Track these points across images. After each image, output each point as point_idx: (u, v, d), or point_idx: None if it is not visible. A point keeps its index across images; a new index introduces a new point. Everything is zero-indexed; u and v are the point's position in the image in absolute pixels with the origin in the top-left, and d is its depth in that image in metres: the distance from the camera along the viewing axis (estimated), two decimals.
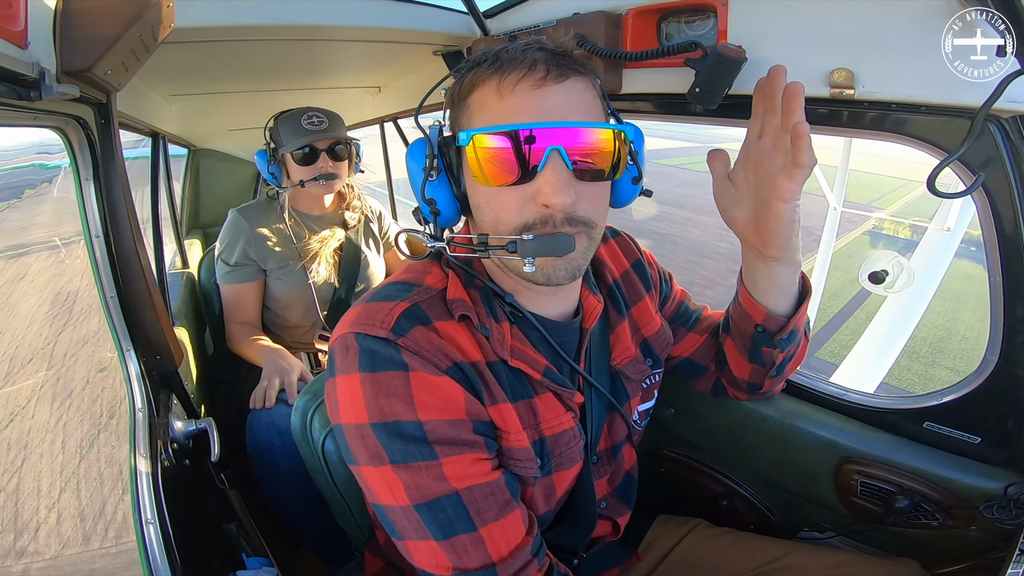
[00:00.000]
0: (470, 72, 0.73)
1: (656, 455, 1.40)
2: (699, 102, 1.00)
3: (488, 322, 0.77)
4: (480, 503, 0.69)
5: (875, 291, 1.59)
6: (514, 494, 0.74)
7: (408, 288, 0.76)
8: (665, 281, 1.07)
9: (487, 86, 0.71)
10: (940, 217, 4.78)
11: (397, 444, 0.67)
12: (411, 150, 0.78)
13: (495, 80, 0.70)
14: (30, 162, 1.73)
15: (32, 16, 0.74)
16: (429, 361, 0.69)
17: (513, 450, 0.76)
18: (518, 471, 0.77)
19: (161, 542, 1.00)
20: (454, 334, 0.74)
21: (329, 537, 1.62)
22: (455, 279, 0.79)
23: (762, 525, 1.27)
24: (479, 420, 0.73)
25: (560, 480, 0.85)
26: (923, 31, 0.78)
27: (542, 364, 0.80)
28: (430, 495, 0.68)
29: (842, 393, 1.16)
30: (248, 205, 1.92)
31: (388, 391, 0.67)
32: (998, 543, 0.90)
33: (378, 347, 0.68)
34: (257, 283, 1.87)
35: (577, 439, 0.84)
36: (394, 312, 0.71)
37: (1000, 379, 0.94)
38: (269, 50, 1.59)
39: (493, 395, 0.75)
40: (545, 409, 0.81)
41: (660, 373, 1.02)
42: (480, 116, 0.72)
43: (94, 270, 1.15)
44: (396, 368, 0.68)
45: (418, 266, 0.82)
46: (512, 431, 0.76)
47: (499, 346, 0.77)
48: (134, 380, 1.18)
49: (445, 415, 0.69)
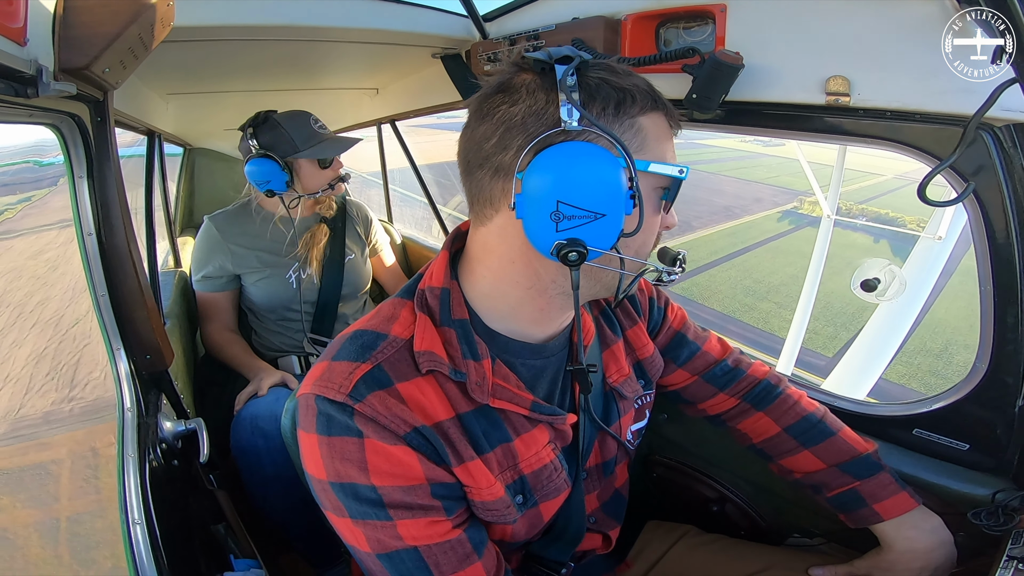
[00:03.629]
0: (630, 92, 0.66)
1: (647, 461, 1.40)
2: (696, 108, 1.01)
3: (465, 364, 0.73)
4: (439, 557, 0.70)
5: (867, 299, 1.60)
6: (477, 547, 0.73)
7: (373, 343, 0.72)
8: (658, 308, 1.04)
9: (660, 118, 0.70)
10: (932, 226, 4.82)
11: (353, 504, 0.68)
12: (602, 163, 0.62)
13: (662, 116, 0.70)
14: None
15: (31, 13, 0.74)
16: (385, 428, 0.67)
17: (486, 503, 0.74)
18: (492, 519, 0.76)
19: (148, 543, 0.99)
20: (417, 394, 0.71)
21: (317, 539, 1.61)
22: (425, 323, 0.74)
23: (752, 530, 1.27)
24: (439, 483, 0.71)
25: (547, 509, 0.84)
26: (918, 39, 0.79)
27: (527, 399, 0.77)
28: (389, 548, 0.69)
29: (832, 400, 1.16)
30: (222, 212, 1.89)
31: (343, 456, 0.67)
32: (985, 549, 0.91)
33: (334, 412, 0.67)
34: (230, 292, 1.87)
35: (559, 470, 0.82)
36: (353, 376, 0.69)
37: (989, 386, 0.95)
38: (267, 50, 1.59)
39: (459, 454, 0.72)
40: (525, 448, 0.78)
41: (652, 394, 1.01)
42: (657, 147, 0.69)
43: (85, 268, 1.14)
44: (350, 434, 0.67)
45: (387, 308, 0.77)
46: (484, 485, 0.73)
47: (477, 390, 0.73)
48: (123, 379, 1.17)
49: (400, 481, 0.68)
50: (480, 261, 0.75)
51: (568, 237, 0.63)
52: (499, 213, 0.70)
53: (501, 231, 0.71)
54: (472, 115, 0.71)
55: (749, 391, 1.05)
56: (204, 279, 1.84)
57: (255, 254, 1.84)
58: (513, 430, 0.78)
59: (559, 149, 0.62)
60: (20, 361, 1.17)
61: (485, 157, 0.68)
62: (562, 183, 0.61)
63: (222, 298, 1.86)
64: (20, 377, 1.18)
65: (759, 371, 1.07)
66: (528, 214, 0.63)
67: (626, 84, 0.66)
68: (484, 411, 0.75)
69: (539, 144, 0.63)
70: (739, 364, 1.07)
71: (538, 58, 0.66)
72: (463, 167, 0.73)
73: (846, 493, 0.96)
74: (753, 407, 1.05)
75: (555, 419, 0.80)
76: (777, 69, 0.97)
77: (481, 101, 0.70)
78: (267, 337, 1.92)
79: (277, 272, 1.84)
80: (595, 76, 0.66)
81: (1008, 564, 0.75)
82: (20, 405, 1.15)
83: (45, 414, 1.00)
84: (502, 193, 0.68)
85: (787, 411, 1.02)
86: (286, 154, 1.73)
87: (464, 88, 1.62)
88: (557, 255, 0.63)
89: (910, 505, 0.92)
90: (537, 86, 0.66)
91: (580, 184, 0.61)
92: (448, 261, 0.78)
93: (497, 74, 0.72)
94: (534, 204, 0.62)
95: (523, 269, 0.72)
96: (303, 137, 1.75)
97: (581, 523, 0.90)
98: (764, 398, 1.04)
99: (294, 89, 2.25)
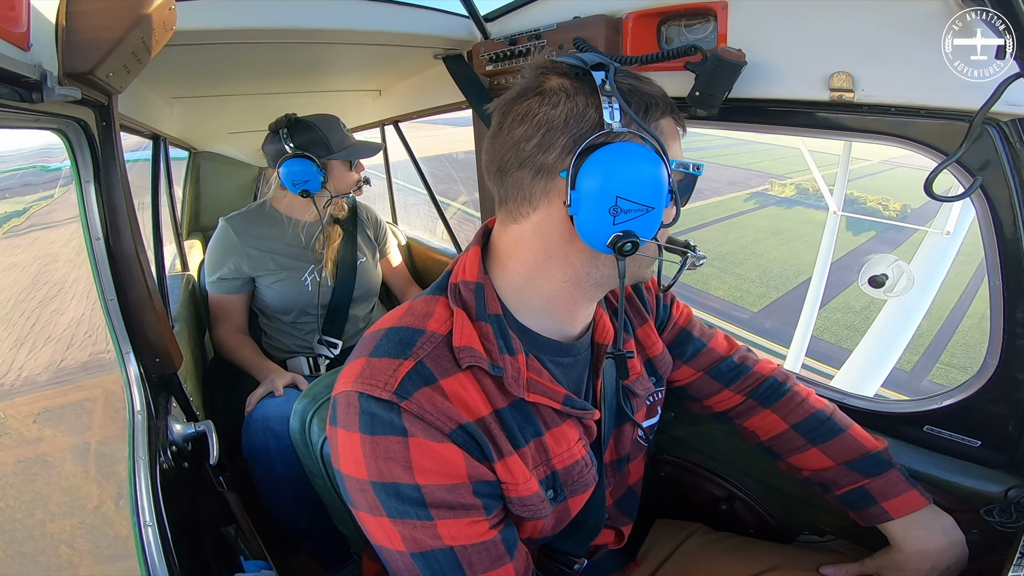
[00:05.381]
0: (651, 95, 0.71)
1: (656, 459, 1.39)
2: (699, 106, 1.01)
3: (502, 358, 0.74)
4: (473, 557, 0.70)
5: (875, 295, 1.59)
6: (510, 548, 0.74)
7: (411, 338, 0.73)
8: (664, 306, 1.05)
9: (671, 121, 0.74)
10: (940, 221, 4.77)
11: (394, 503, 0.68)
12: (650, 161, 0.67)
13: (672, 119, 0.74)
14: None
15: (35, 18, 0.75)
16: (432, 426, 0.68)
17: (522, 498, 0.75)
18: (526, 515, 0.77)
19: (159, 545, 1.00)
20: (460, 390, 0.72)
21: (327, 540, 1.62)
22: (462, 318, 0.75)
23: (762, 529, 1.26)
24: (482, 481, 0.72)
25: (575, 504, 0.86)
26: (922, 34, 0.79)
27: (561, 393, 0.79)
28: (425, 547, 0.69)
29: (842, 397, 1.15)
30: (238, 214, 1.90)
31: (387, 455, 0.67)
32: (998, 546, 0.90)
33: (379, 410, 0.68)
34: (244, 294, 1.88)
35: (589, 466, 0.84)
36: (398, 373, 0.69)
37: (1000, 382, 0.94)
38: (271, 53, 1.60)
39: (500, 449, 0.73)
40: (555, 444, 0.80)
41: (663, 391, 1.02)
42: (673, 146, 0.74)
43: (94, 272, 1.15)
44: (395, 433, 0.67)
45: (419, 305, 0.78)
46: (520, 480, 0.75)
47: (514, 384, 0.75)
48: (133, 383, 1.18)
49: (444, 480, 0.68)
50: (512, 257, 0.76)
51: (624, 229, 0.66)
52: (536, 211, 0.72)
53: (537, 227, 0.73)
54: (503, 117, 0.73)
55: (755, 388, 1.05)
56: (219, 281, 1.85)
57: (271, 257, 1.85)
58: (544, 424, 0.79)
59: (614, 149, 0.66)
60: (62, 325, 1.39)
61: (525, 158, 0.70)
62: (622, 180, 0.65)
63: (236, 300, 1.87)
64: (62, 337, 1.40)
65: (766, 368, 1.07)
66: (584, 210, 0.66)
67: (649, 90, 0.71)
68: (519, 405, 0.77)
69: (588, 145, 0.66)
70: (745, 361, 1.07)
71: (572, 63, 0.70)
72: (496, 168, 0.74)
73: (855, 491, 0.95)
74: (760, 404, 1.05)
75: (584, 414, 0.82)
76: (780, 66, 0.97)
77: (513, 104, 0.72)
78: (278, 339, 1.94)
79: (293, 275, 1.86)
80: (625, 82, 0.70)
81: (1022, 561, 0.74)
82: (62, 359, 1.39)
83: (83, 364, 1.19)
84: (543, 192, 0.71)
85: (795, 408, 1.02)
86: (320, 155, 1.76)
87: (467, 89, 1.62)
88: (613, 247, 0.67)
89: (920, 503, 0.91)
90: (576, 90, 0.69)
91: (636, 180, 0.66)
92: (480, 256, 0.79)
93: (514, 76, 0.74)
94: (592, 200, 0.66)
95: (560, 263, 0.74)
96: (338, 139, 1.78)
97: (600, 516, 0.92)
98: (771, 395, 1.04)
99: (297, 92, 2.25)
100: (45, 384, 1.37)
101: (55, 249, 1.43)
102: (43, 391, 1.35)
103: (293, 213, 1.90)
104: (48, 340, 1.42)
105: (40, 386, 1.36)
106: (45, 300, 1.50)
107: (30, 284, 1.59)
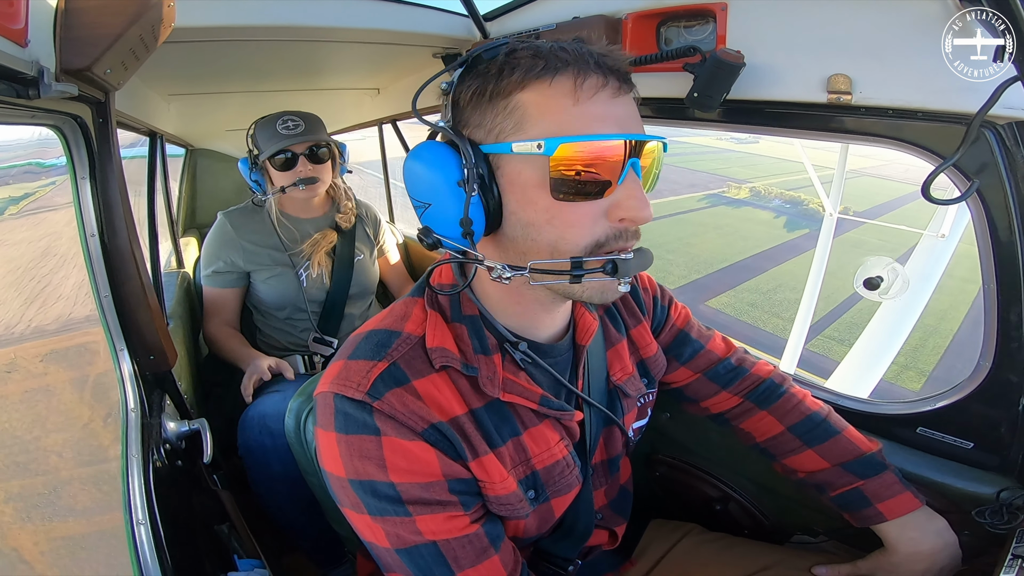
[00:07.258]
0: (508, 69, 0.65)
1: (651, 459, 1.40)
2: (698, 107, 1.01)
3: (477, 359, 0.75)
4: (457, 551, 0.71)
5: (870, 297, 1.59)
6: (494, 541, 0.74)
7: (388, 340, 0.73)
8: (662, 307, 1.04)
9: (555, 88, 0.64)
10: (935, 224, 4.80)
11: (372, 500, 0.69)
12: (428, 156, 0.67)
13: (568, 82, 0.63)
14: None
15: (32, 14, 0.74)
16: (404, 425, 0.68)
17: (499, 497, 0.75)
18: (505, 514, 0.77)
19: (152, 543, 0.99)
20: (433, 390, 0.72)
21: (322, 539, 1.61)
22: (436, 320, 0.76)
23: (755, 529, 1.27)
24: (456, 479, 0.72)
25: (558, 505, 0.86)
26: (920, 37, 0.79)
27: (537, 393, 0.79)
28: (408, 543, 0.70)
29: (835, 398, 1.16)
30: (236, 209, 1.92)
31: (361, 453, 0.68)
32: (990, 548, 0.90)
33: (352, 410, 0.68)
34: (238, 289, 1.89)
35: (572, 467, 0.83)
36: (371, 374, 0.70)
37: (993, 385, 0.94)
38: (269, 51, 1.59)
39: (475, 448, 0.73)
40: (534, 444, 0.80)
41: (654, 393, 1.01)
42: (543, 122, 0.64)
43: (88, 269, 1.14)
44: (368, 432, 0.68)
45: (399, 307, 0.79)
46: (497, 480, 0.75)
47: (489, 384, 0.75)
48: (127, 380, 1.17)
49: (418, 478, 0.69)
50: None
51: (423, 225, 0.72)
52: None
53: None
54: None
55: (752, 390, 1.05)
56: (214, 275, 1.86)
57: (267, 252, 1.86)
58: (522, 424, 0.79)
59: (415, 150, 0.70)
60: (69, 287, 1.52)
61: None
62: (408, 179, 0.71)
63: (229, 295, 1.88)
64: (70, 296, 1.52)
65: (763, 370, 1.07)
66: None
67: (512, 60, 0.65)
68: (495, 405, 0.77)
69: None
70: (742, 363, 1.07)
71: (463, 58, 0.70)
72: None
73: (850, 492, 0.96)
74: (756, 406, 1.05)
75: (563, 415, 0.81)
76: (778, 67, 0.97)
77: None
78: (272, 335, 1.94)
79: (287, 270, 1.86)
80: (486, 61, 0.67)
81: (1013, 563, 0.75)
82: (70, 312, 1.53)
83: (87, 316, 1.27)
84: None
85: (791, 410, 1.02)
86: (258, 156, 1.80)
87: None
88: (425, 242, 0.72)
89: (914, 505, 0.92)
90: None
91: (415, 178, 0.70)
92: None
93: None
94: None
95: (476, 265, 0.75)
96: (265, 138, 1.79)
97: (590, 519, 0.91)
98: (768, 397, 1.04)
99: (295, 90, 2.25)
100: (53, 332, 1.53)
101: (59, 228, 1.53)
102: (51, 337, 1.51)
103: (288, 210, 1.91)
104: (59, 298, 1.55)
105: (49, 334, 1.51)
106: (55, 268, 1.63)
107: (40, 256, 1.72)
